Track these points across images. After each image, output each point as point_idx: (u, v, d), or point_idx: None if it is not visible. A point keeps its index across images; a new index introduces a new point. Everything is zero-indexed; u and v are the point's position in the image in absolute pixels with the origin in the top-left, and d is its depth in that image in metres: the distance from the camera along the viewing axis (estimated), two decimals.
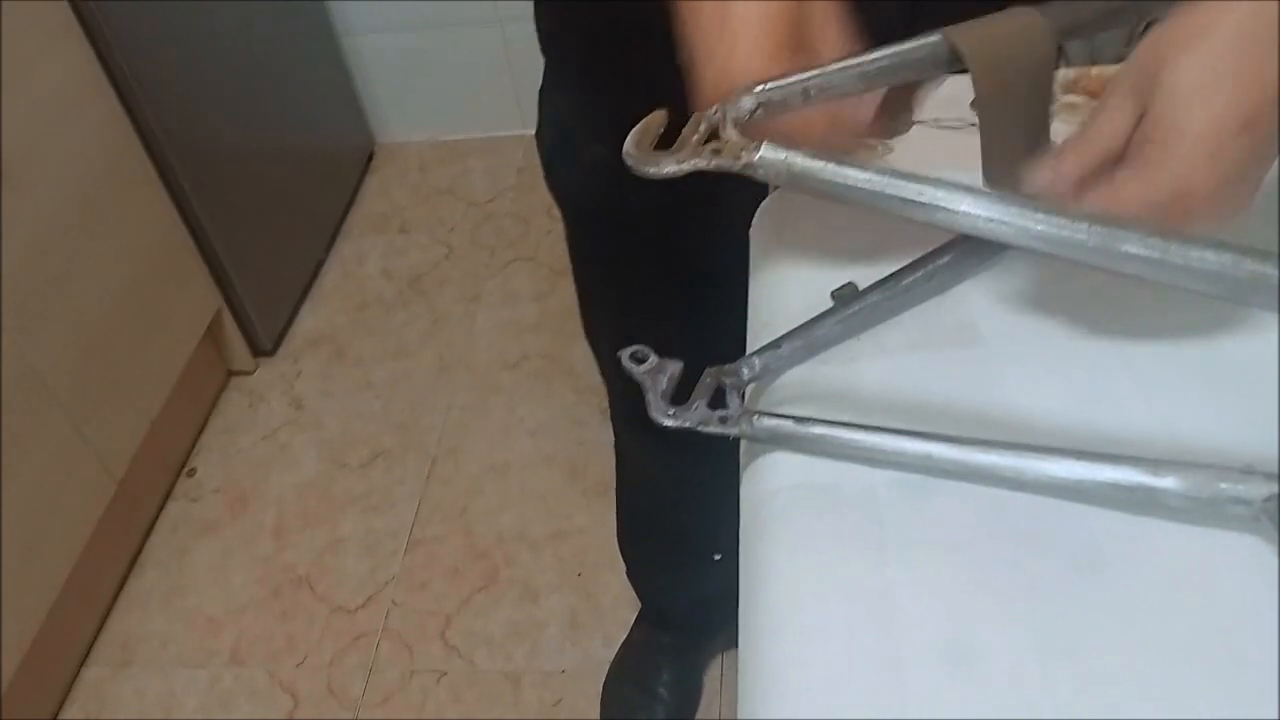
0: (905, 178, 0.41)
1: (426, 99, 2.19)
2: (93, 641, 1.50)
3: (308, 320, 1.93)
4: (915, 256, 0.52)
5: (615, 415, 1.07)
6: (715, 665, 1.38)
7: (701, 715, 1.34)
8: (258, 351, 1.84)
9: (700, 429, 0.48)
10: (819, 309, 0.52)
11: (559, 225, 0.86)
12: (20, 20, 1.30)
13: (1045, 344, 0.51)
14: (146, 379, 1.56)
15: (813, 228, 0.59)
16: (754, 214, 0.63)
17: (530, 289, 1.92)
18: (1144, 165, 0.43)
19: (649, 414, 0.48)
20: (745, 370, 0.51)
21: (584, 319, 0.96)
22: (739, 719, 0.42)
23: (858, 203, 0.42)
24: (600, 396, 1.07)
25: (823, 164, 0.42)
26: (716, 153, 0.43)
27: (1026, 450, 0.43)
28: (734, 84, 0.46)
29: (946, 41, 0.46)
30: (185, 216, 1.62)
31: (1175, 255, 0.38)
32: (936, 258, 0.52)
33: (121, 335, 1.49)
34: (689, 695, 1.35)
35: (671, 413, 0.48)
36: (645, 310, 0.86)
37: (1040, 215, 0.39)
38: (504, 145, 2.19)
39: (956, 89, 0.48)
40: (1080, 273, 0.41)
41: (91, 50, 1.43)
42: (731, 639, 0.46)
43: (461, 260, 2.00)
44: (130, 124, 1.50)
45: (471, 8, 2.03)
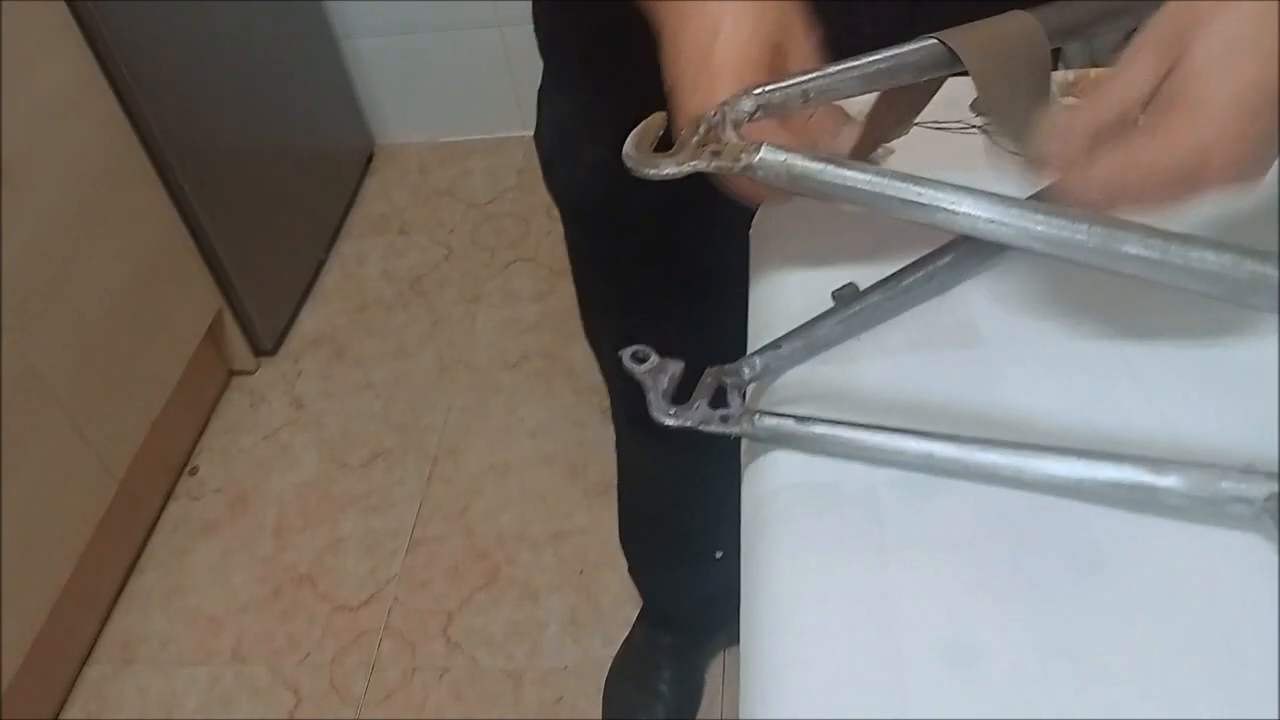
0: (905, 179, 0.41)
1: (426, 100, 2.19)
2: (94, 641, 1.51)
3: (308, 320, 1.93)
4: (915, 257, 0.52)
5: (616, 415, 1.07)
6: (716, 664, 1.38)
7: (702, 714, 1.34)
8: (258, 351, 1.84)
9: (701, 428, 0.48)
10: (819, 309, 0.52)
11: (559, 226, 0.86)
12: (20, 21, 1.30)
13: (1046, 344, 0.51)
14: (147, 379, 1.56)
15: (813, 228, 0.59)
16: (754, 214, 0.63)
17: (530, 289, 1.92)
18: (1165, 129, 0.41)
19: (650, 413, 0.49)
20: (746, 370, 0.51)
21: (584, 319, 0.96)
22: (740, 718, 0.42)
23: (858, 204, 0.42)
24: (600, 396, 1.08)
25: (822, 166, 0.42)
26: (716, 154, 0.43)
27: (1027, 449, 0.43)
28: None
29: (943, 44, 0.46)
30: (186, 217, 1.62)
31: (1175, 256, 0.38)
32: (937, 258, 0.52)
33: (122, 335, 1.49)
34: (690, 694, 1.35)
35: (672, 412, 0.48)
36: (645, 310, 0.86)
37: (1040, 216, 0.39)
38: (504, 146, 2.19)
39: (956, 91, 0.48)
40: (1081, 273, 0.41)
41: (90, 51, 1.43)
42: (733, 638, 0.46)
43: (461, 261, 2.00)
44: (130, 125, 1.51)
45: (471, 9, 2.03)
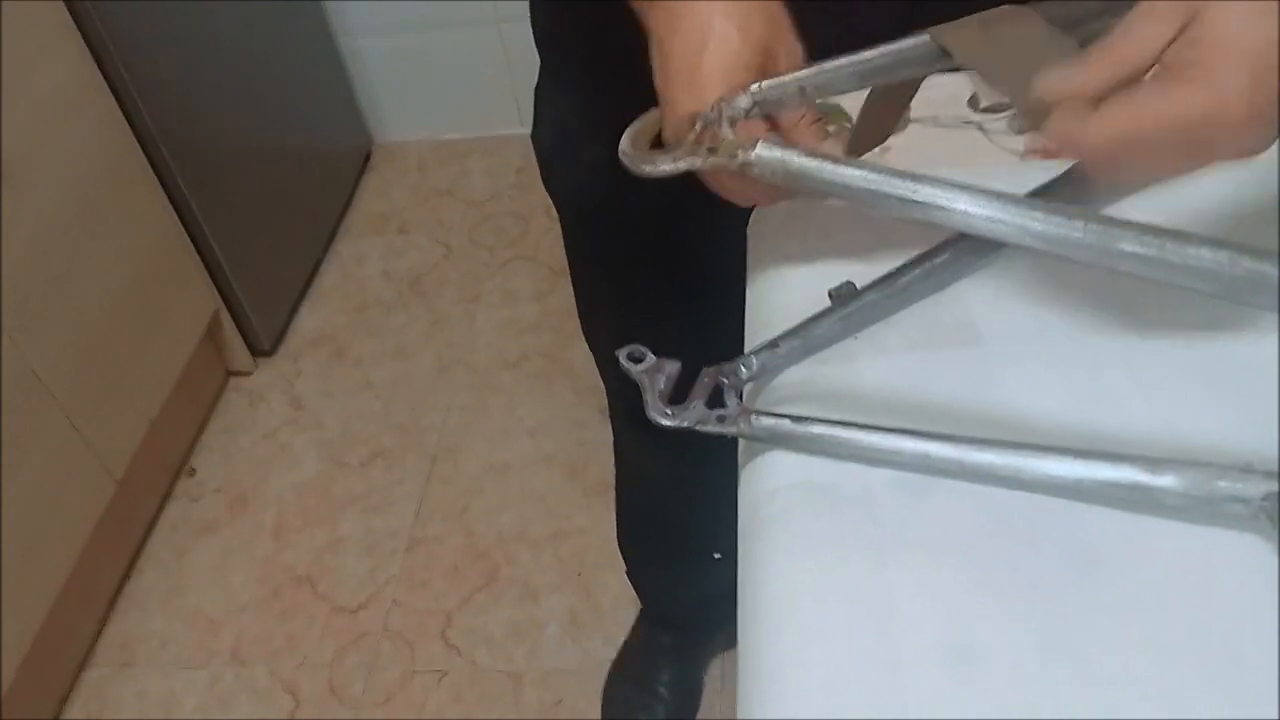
0: (902, 176, 0.41)
1: (425, 99, 2.19)
2: (93, 642, 1.50)
3: (307, 320, 1.93)
4: (913, 255, 0.52)
5: (614, 415, 1.07)
6: (715, 665, 1.38)
7: (702, 715, 1.34)
8: (257, 352, 1.84)
9: (698, 428, 0.48)
10: (817, 308, 0.52)
11: (558, 225, 0.86)
12: (19, 21, 1.30)
13: (1044, 342, 0.51)
14: (146, 379, 1.56)
15: (810, 227, 0.59)
16: (752, 213, 0.62)
17: (530, 289, 1.92)
18: (1178, 83, 0.41)
19: (647, 413, 0.48)
20: (743, 369, 0.51)
21: (582, 319, 0.96)
22: (739, 718, 0.42)
23: (855, 202, 0.42)
24: (600, 396, 1.07)
25: (819, 163, 0.42)
26: (712, 152, 0.43)
27: (1025, 449, 0.43)
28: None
29: (939, 40, 0.46)
30: (184, 217, 1.62)
31: (1172, 253, 0.38)
32: (934, 256, 0.52)
33: (121, 335, 1.49)
34: (689, 695, 1.35)
35: (670, 412, 0.48)
36: (644, 310, 0.86)
37: (1037, 213, 0.39)
38: (503, 145, 2.19)
39: (954, 88, 0.48)
40: (1078, 271, 0.41)
41: (89, 51, 1.43)
42: (732, 638, 0.46)
43: (461, 260, 2.00)
44: (128, 125, 1.50)
45: (469, 8, 2.02)
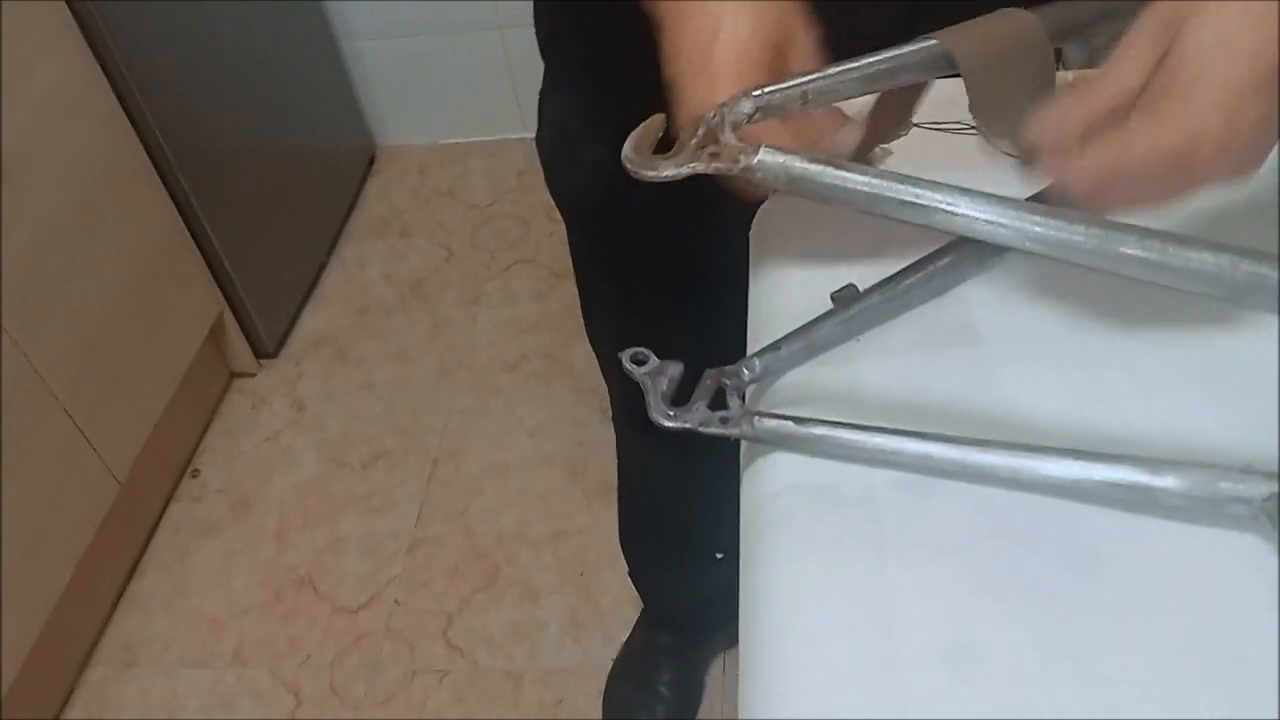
0: (903, 180, 0.41)
1: (427, 102, 2.19)
2: (95, 642, 1.51)
3: (309, 323, 1.93)
4: (915, 258, 0.52)
5: (616, 416, 1.07)
6: (716, 665, 1.38)
7: (702, 715, 1.34)
8: (260, 353, 1.84)
9: (700, 430, 0.48)
10: (819, 310, 0.52)
11: (559, 227, 0.87)
12: (20, 21, 1.30)
13: (1045, 345, 0.51)
14: (149, 380, 1.56)
15: (812, 229, 0.59)
16: (753, 215, 0.63)
17: (530, 290, 1.92)
18: (1158, 114, 0.42)
19: (649, 415, 0.49)
20: (745, 371, 0.51)
21: (585, 320, 0.96)
22: (740, 719, 0.42)
23: (856, 206, 0.42)
24: (600, 396, 1.08)
25: (821, 167, 0.42)
26: (714, 156, 0.44)
27: (1026, 450, 0.43)
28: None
29: (942, 45, 0.46)
30: (186, 218, 1.62)
31: (1173, 256, 0.38)
32: (936, 260, 0.52)
33: (123, 336, 1.49)
34: (690, 695, 1.35)
35: (672, 414, 0.48)
36: (646, 311, 0.86)
37: (1038, 217, 0.39)
38: (504, 148, 2.19)
39: (955, 92, 0.48)
40: (1079, 274, 0.41)
41: (90, 51, 1.43)
42: (733, 638, 0.46)
43: (462, 263, 2.00)
44: (130, 125, 1.51)
45: (471, 11, 2.03)
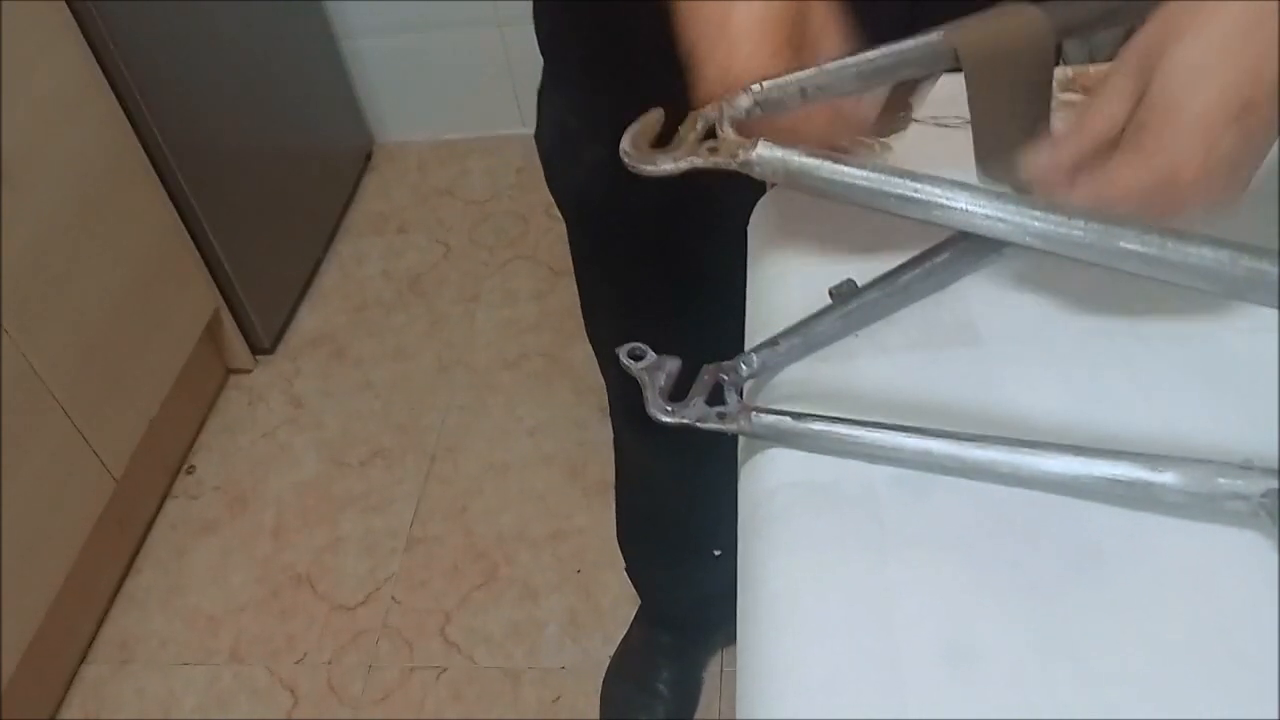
0: (902, 175, 0.41)
1: (425, 99, 2.19)
2: (92, 640, 1.50)
3: (307, 320, 1.93)
4: (913, 254, 0.52)
5: (614, 413, 1.07)
6: (715, 664, 1.38)
7: (701, 714, 1.34)
8: (257, 350, 1.84)
9: (698, 425, 0.48)
10: (817, 306, 0.52)
11: (558, 224, 0.86)
12: (20, 21, 1.30)
13: (1044, 340, 0.51)
14: (146, 378, 1.56)
15: (811, 224, 0.59)
16: (752, 211, 0.62)
17: (529, 288, 1.92)
18: (1138, 150, 0.43)
19: (647, 410, 0.48)
20: (743, 367, 0.51)
21: (585, 318, 0.96)
22: (738, 718, 0.42)
23: (855, 201, 0.42)
24: (600, 395, 1.07)
25: (819, 162, 0.42)
26: (713, 151, 0.43)
27: (1025, 446, 0.43)
28: (735, 83, 0.46)
29: (945, 40, 0.46)
30: (184, 216, 1.62)
31: (1172, 252, 0.38)
32: (935, 255, 0.52)
33: (121, 334, 1.49)
34: (689, 694, 1.35)
35: (670, 409, 0.48)
36: (644, 308, 0.86)
37: (1037, 212, 0.39)
38: (503, 145, 2.19)
39: (955, 88, 0.48)
40: (1079, 269, 0.41)
41: (90, 51, 1.43)
42: (732, 637, 0.46)
43: (460, 260, 2.00)
44: (129, 125, 1.50)
45: (470, 8, 2.02)
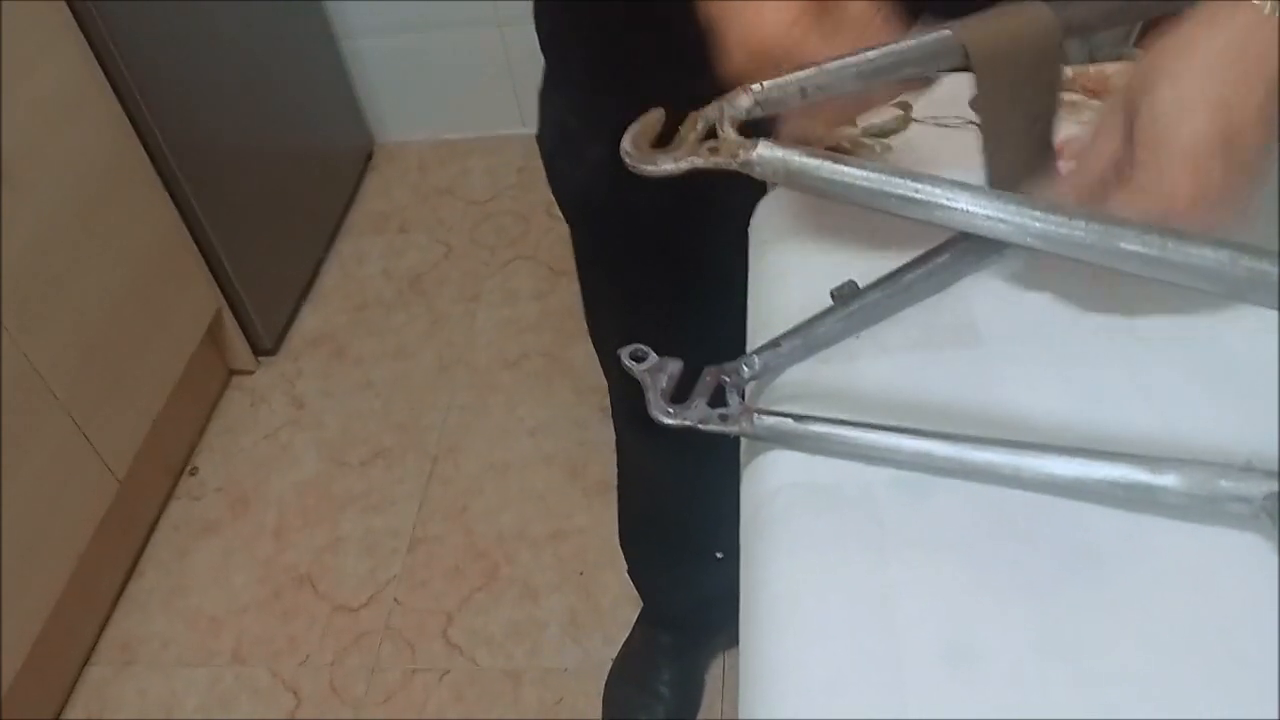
0: (903, 175, 0.41)
1: (426, 99, 2.19)
2: (95, 641, 1.50)
3: (308, 320, 1.93)
4: (914, 254, 0.52)
5: (616, 414, 1.07)
6: (716, 664, 1.38)
7: (702, 715, 1.34)
8: (258, 351, 1.84)
9: (700, 427, 0.48)
10: (818, 307, 0.52)
11: (559, 224, 0.86)
12: (20, 21, 1.30)
13: (1045, 342, 0.51)
14: (148, 378, 1.56)
15: (812, 225, 0.59)
16: (753, 213, 0.62)
17: (530, 288, 1.92)
18: (1132, 185, 0.44)
19: (649, 412, 0.48)
20: (745, 368, 0.51)
21: (587, 319, 0.96)
22: (739, 718, 0.42)
23: (855, 201, 0.42)
24: (600, 395, 1.07)
25: (819, 162, 0.42)
26: (714, 151, 0.43)
27: (1026, 448, 0.43)
28: (760, 46, 0.46)
29: (956, 39, 0.46)
30: (185, 217, 1.62)
31: (1173, 252, 0.38)
32: (936, 256, 0.52)
33: (122, 335, 1.49)
34: (690, 695, 1.35)
35: (671, 411, 0.48)
36: (646, 309, 0.86)
37: (1038, 213, 0.39)
38: (503, 144, 2.19)
39: (955, 88, 0.48)
40: (1080, 270, 0.41)
41: (90, 51, 1.43)
42: (733, 638, 0.46)
43: (461, 260, 2.00)
44: (130, 125, 1.50)
45: (471, 8, 2.02)
